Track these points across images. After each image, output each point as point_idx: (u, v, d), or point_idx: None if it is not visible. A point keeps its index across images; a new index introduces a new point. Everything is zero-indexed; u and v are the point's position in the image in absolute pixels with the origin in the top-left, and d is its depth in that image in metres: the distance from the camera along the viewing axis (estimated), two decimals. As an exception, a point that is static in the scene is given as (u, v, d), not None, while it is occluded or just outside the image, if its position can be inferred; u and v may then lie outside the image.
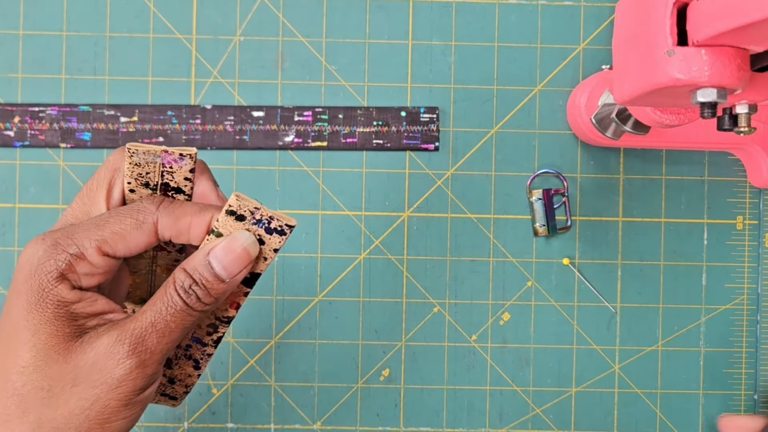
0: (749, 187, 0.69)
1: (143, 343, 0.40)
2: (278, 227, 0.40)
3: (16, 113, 0.67)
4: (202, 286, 0.40)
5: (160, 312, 0.40)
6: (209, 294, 0.41)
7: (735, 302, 0.69)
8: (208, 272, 0.40)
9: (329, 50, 0.68)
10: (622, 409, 0.69)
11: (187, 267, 0.41)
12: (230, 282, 0.41)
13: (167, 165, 0.42)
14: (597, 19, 0.69)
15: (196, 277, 0.40)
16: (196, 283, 0.40)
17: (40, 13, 0.68)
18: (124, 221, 0.41)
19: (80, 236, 0.41)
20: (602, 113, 0.63)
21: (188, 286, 0.40)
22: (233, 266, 0.41)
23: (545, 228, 0.68)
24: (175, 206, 0.42)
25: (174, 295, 0.40)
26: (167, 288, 0.41)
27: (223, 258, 0.40)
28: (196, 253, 0.41)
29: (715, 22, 0.39)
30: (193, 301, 0.40)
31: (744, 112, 0.46)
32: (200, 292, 0.40)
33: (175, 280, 0.40)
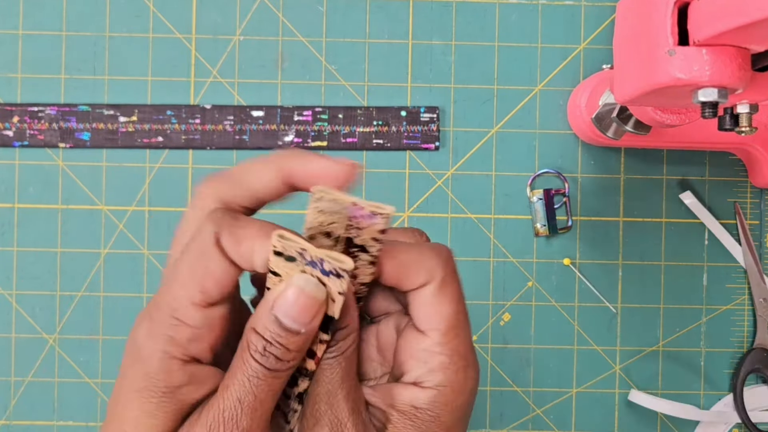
0: (750, 187, 0.69)
1: (237, 425, 0.35)
2: (333, 270, 0.35)
3: (15, 113, 0.67)
4: (277, 345, 0.35)
5: (243, 385, 0.35)
6: (288, 350, 0.35)
7: (736, 302, 0.69)
8: (279, 328, 0.35)
9: (329, 50, 0.68)
10: (622, 409, 0.69)
11: (257, 327, 0.35)
12: (306, 332, 0.35)
13: (354, 220, 0.36)
14: (597, 19, 0.68)
15: (268, 336, 0.35)
16: (270, 343, 0.35)
17: (40, 13, 0.68)
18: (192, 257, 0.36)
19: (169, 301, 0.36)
20: (603, 113, 0.62)
21: (263, 348, 0.35)
22: (303, 316, 0.35)
23: (546, 228, 0.68)
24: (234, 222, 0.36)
25: (252, 362, 0.35)
26: (243, 356, 0.35)
27: (289, 310, 0.35)
28: (261, 308, 0.35)
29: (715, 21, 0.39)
30: (272, 363, 0.35)
31: (745, 112, 0.45)
32: (277, 351, 0.35)
33: (248, 346, 0.35)
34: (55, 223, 0.67)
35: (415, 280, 0.37)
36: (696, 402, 0.69)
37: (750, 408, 0.68)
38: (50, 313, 0.67)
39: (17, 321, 0.67)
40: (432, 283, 0.37)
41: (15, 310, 0.67)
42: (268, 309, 0.35)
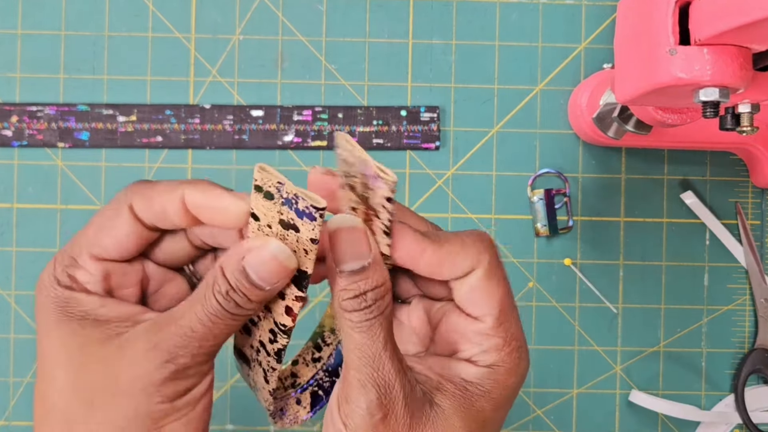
0: (751, 187, 0.69)
1: (183, 348, 0.37)
2: (306, 209, 0.34)
3: (14, 113, 0.67)
4: (240, 294, 0.36)
5: (200, 317, 0.37)
6: (249, 300, 0.36)
7: (737, 303, 0.69)
8: (245, 279, 0.36)
9: (329, 49, 0.68)
10: (623, 410, 0.68)
11: (225, 269, 0.36)
12: (270, 290, 0.36)
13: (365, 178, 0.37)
14: (598, 18, 0.68)
15: (233, 282, 0.36)
16: (233, 289, 0.36)
17: (39, 13, 0.67)
18: (104, 216, 0.38)
19: (74, 246, 0.38)
20: (604, 113, 0.62)
21: (225, 291, 0.36)
22: (270, 277, 0.36)
23: (546, 228, 0.67)
24: (146, 185, 0.38)
25: (212, 299, 0.36)
26: (206, 291, 0.37)
27: (257, 268, 0.36)
28: (233, 252, 0.37)
29: (717, 20, 0.38)
30: (232, 306, 0.36)
31: (746, 112, 0.45)
32: (239, 298, 0.36)
33: (213, 284, 0.36)
34: (54, 223, 0.67)
35: (460, 267, 0.37)
36: (697, 402, 0.69)
37: (751, 409, 0.67)
38: (49, 314, 0.67)
39: (16, 321, 0.67)
40: (479, 268, 0.37)
41: (14, 311, 0.67)
42: (239, 257, 0.36)
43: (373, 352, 0.36)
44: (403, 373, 0.36)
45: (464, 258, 0.37)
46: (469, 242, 0.38)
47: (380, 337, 0.36)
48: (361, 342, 0.36)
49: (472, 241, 0.38)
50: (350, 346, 0.36)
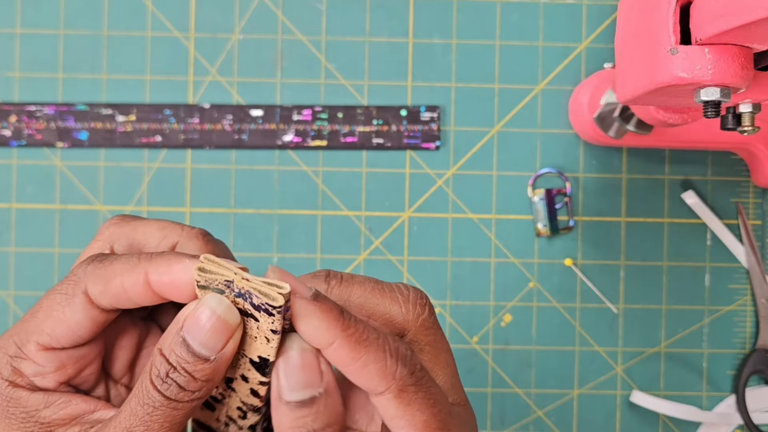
0: (752, 187, 0.69)
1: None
2: (262, 305, 0.31)
3: (12, 112, 0.67)
4: (182, 371, 0.31)
5: (136, 413, 0.31)
6: (194, 379, 0.31)
7: (738, 303, 0.69)
8: (187, 352, 0.31)
9: (329, 48, 0.68)
10: (624, 410, 0.68)
11: (163, 348, 0.31)
12: (218, 359, 0.32)
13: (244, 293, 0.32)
14: (599, 17, 0.68)
15: (173, 360, 0.31)
16: (174, 368, 0.31)
17: (37, 12, 0.67)
18: (54, 300, 0.34)
19: (20, 333, 0.34)
20: (605, 112, 0.62)
21: (164, 374, 0.31)
22: (214, 341, 0.31)
23: (547, 228, 0.67)
24: (103, 266, 0.34)
25: (150, 388, 0.31)
26: (142, 380, 0.32)
27: (199, 333, 0.31)
28: (170, 328, 0.32)
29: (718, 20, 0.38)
30: (174, 392, 0.31)
31: (748, 111, 0.45)
32: (181, 379, 0.31)
33: (151, 368, 0.31)
34: (52, 223, 0.67)
35: (367, 384, 0.32)
36: (698, 403, 0.68)
37: (752, 409, 0.67)
38: (48, 314, 0.67)
39: (15, 322, 0.67)
40: (387, 393, 0.32)
41: (12, 311, 0.67)
42: (176, 329, 0.31)
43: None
44: None
45: (370, 377, 0.32)
46: (382, 356, 0.32)
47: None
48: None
49: (388, 354, 0.32)
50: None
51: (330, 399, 0.32)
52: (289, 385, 0.31)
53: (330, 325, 0.31)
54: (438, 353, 0.35)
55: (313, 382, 0.31)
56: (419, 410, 0.32)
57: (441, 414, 0.33)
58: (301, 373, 0.31)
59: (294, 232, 0.67)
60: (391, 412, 0.32)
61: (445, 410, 0.33)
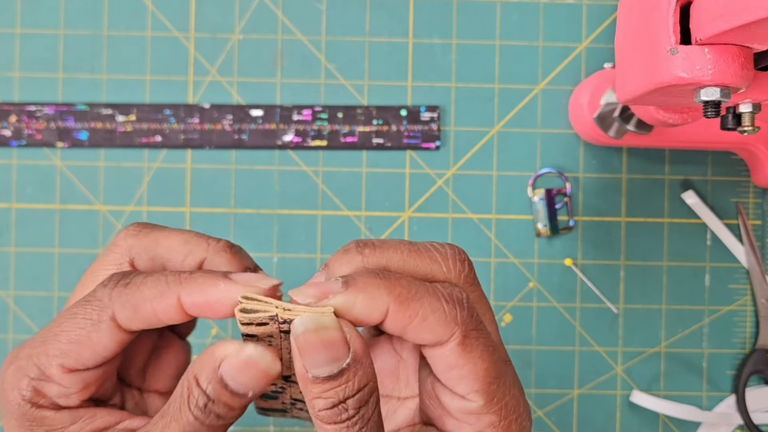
0: (752, 187, 0.69)
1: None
2: None
3: (12, 112, 0.66)
4: (221, 404, 0.32)
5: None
6: (231, 408, 0.33)
7: (738, 303, 0.69)
8: (223, 389, 0.32)
9: (329, 48, 0.68)
10: (624, 410, 0.68)
11: (200, 380, 0.32)
12: (253, 395, 0.33)
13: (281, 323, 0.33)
14: (599, 17, 0.68)
15: (211, 393, 0.32)
16: (212, 400, 0.32)
17: (37, 12, 0.67)
18: (78, 323, 0.34)
19: (40, 354, 0.34)
20: (605, 112, 0.62)
21: (203, 405, 0.32)
22: (251, 384, 0.32)
23: (547, 228, 0.67)
24: (131, 291, 0.33)
25: (190, 416, 0.32)
26: (181, 406, 0.33)
27: (237, 376, 0.32)
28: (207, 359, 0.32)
29: (718, 20, 0.38)
30: (212, 420, 0.32)
31: (748, 111, 0.45)
32: (219, 409, 0.32)
33: (189, 396, 0.32)
34: (52, 223, 0.67)
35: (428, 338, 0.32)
36: (698, 403, 0.68)
37: (752, 409, 0.67)
38: (48, 314, 0.67)
39: (15, 322, 0.67)
40: (451, 342, 0.32)
41: (12, 311, 0.67)
42: (213, 367, 0.32)
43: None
44: None
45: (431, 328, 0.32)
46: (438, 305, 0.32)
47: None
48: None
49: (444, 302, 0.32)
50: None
51: (359, 365, 0.31)
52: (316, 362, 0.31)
53: (374, 297, 0.31)
54: (484, 309, 0.35)
55: (338, 355, 0.31)
56: (480, 358, 0.32)
57: (498, 363, 0.33)
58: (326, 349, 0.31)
59: (294, 232, 0.67)
60: (451, 361, 0.32)
61: (501, 360, 0.34)
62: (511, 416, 0.34)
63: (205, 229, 0.67)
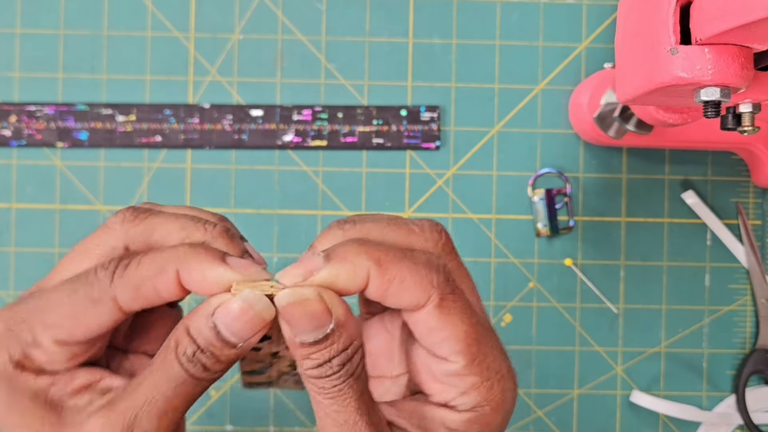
0: (752, 187, 0.69)
1: (139, 426, 0.33)
2: None
3: (12, 112, 0.67)
4: (209, 354, 0.33)
5: (158, 386, 0.33)
6: (219, 361, 0.33)
7: (738, 303, 0.69)
8: (216, 337, 0.32)
9: (329, 48, 0.68)
10: (624, 410, 0.68)
11: (191, 329, 0.33)
12: (244, 346, 0.33)
13: None
14: (599, 17, 0.68)
15: (201, 342, 0.32)
16: (201, 349, 0.32)
17: (37, 12, 0.67)
18: (77, 300, 0.34)
19: (34, 321, 0.34)
20: (605, 112, 0.62)
21: (192, 353, 0.32)
22: (245, 331, 0.33)
23: (547, 228, 0.67)
24: (131, 271, 0.33)
25: (175, 364, 0.33)
26: (166, 356, 0.33)
27: (231, 323, 0.32)
28: (199, 311, 0.33)
29: (718, 20, 0.38)
30: (198, 370, 0.33)
31: (748, 111, 0.45)
32: (207, 360, 0.33)
33: (176, 345, 0.33)
34: (52, 223, 0.67)
35: (406, 301, 0.33)
36: (698, 403, 0.68)
37: (752, 409, 0.67)
38: (48, 314, 0.67)
39: (15, 322, 0.67)
40: (429, 304, 0.33)
41: (12, 311, 0.67)
42: (207, 314, 0.33)
43: (346, 418, 0.33)
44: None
45: (410, 290, 0.33)
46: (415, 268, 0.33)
47: (352, 402, 0.33)
48: (332, 409, 0.33)
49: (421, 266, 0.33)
50: (321, 413, 0.33)
51: (342, 329, 0.32)
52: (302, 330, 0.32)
53: (354, 263, 0.32)
54: (463, 278, 0.36)
55: (322, 323, 0.32)
56: (460, 320, 0.33)
57: (478, 326, 0.34)
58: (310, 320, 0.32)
59: (294, 232, 0.67)
60: (431, 323, 0.33)
61: (481, 324, 0.34)
62: (494, 377, 0.34)
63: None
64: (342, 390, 0.32)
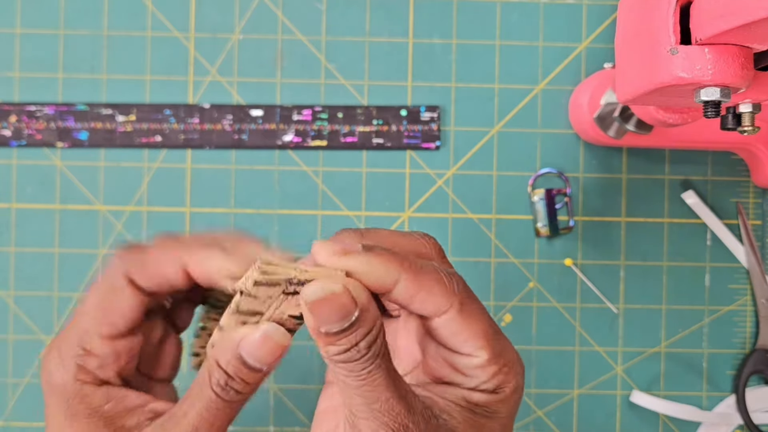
0: (752, 187, 0.69)
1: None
2: None
3: (12, 112, 0.67)
4: (239, 380, 0.37)
5: (201, 414, 0.37)
6: (248, 384, 0.38)
7: (738, 303, 0.69)
8: (243, 365, 0.37)
9: (329, 48, 0.68)
10: (624, 410, 0.68)
11: (220, 361, 0.37)
12: (268, 370, 0.38)
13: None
14: (599, 17, 0.68)
15: (231, 371, 0.37)
16: (232, 378, 0.37)
17: (37, 12, 0.67)
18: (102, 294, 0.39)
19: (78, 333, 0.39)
20: (604, 112, 0.62)
21: (224, 383, 0.37)
22: (268, 357, 0.37)
23: (547, 228, 0.67)
24: (139, 253, 0.39)
25: (212, 395, 0.37)
26: (202, 387, 0.38)
27: (255, 352, 0.37)
28: (224, 344, 0.37)
29: (718, 20, 0.38)
30: (232, 396, 0.37)
31: (748, 111, 0.45)
32: (238, 385, 0.37)
33: (210, 378, 0.37)
34: (52, 223, 0.67)
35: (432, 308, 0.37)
36: (698, 403, 0.68)
37: (752, 409, 0.67)
38: (48, 314, 0.67)
39: (15, 322, 0.67)
40: (452, 310, 0.37)
41: (12, 311, 0.67)
42: (233, 346, 0.37)
43: (377, 396, 0.35)
44: (414, 410, 0.36)
45: (435, 298, 0.37)
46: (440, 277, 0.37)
47: (382, 381, 0.35)
48: (363, 390, 0.35)
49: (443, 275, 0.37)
50: (350, 393, 0.35)
51: (366, 313, 0.35)
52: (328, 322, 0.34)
53: (391, 266, 0.35)
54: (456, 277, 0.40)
55: (348, 313, 0.34)
56: (478, 320, 0.38)
57: (492, 322, 0.39)
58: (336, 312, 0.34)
59: (294, 232, 0.67)
60: (454, 328, 0.37)
61: (493, 321, 0.39)
62: (510, 364, 0.38)
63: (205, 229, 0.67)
64: (371, 372, 0.35)
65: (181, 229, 0.67)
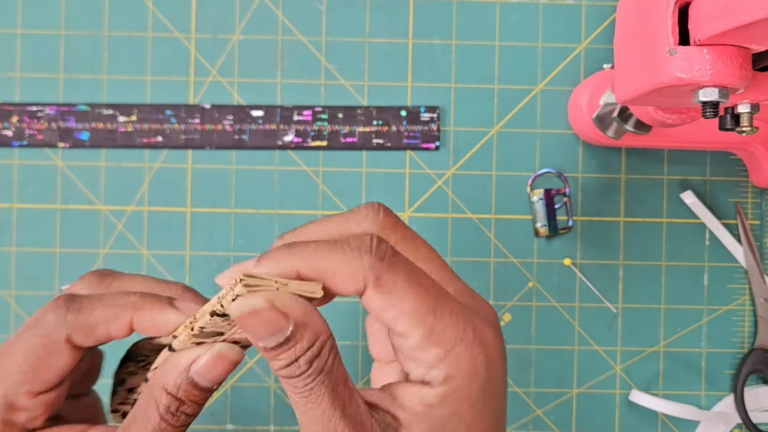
0: (751, 187, 0.69)
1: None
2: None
3: (13, 113, 0.67)
4: (190, 403, 0.36)
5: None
6: (199, 406, 0.36)
7: (737, 303, 0.69)
8: (194, 387, 0.35)
9: (329, 49, 0.68)
10: (623, 410, 0.68)
11: (169, 387, 0.35)
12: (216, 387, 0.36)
13: None
14: (598, 18, 0.68)
15: (181, 395, 0.35)
16: (183, 402, 0.35)
17: (38, 12, 0.67)
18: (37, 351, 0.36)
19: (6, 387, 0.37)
20: (604, 112, 0.62)
21: (175, 408, 0.35)
22: (220, 376, 0.36)
23: (546, 228, 0.67)
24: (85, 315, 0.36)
25: (160, 422, 0.35)
26: (148, 414, 0.36)
27: (207, 373, 0.35)
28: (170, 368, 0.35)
29: (716, 21, 0.38)
30: (182, 420, 0.36)
31: (746, 112, 0.45)
32: (190, 408, 0.36)
33: (158, 405, 0.35)
34: (53, 223, 0.67)
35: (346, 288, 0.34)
36: (697, 402, 0.68)
37: (751, 408, 0.67)
38: (49, 314, 0.67)
39: (15, 322, 0.67)
40: (368, 288, 0.33)
41: (13, 311, 0.67)
42: (181, 370, 0.35)
43: (321, 415, 0.33)
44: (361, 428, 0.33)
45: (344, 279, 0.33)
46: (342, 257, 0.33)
47: (326, 398, 0.33)
48: (306, 407, 0.33)
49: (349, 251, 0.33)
50: (298, 411, 0.34)
51: (303, 328, 0.32)
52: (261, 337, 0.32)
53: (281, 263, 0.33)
54: (414, 246, 0.37)
55: (278, 328, 0.32)
56: (404, 295, 0.33)
57: (428, 297, 0.34)
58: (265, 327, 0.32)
59: (294, 232, 0.68)
60: (377, 305, 0.33)
61: (433, 293, 0.34)
62: (457, 346, 0.33)
63: (205, 229, 0.67)
64: (314, 388, 0.33)
65: (181, 228, 0.67)
